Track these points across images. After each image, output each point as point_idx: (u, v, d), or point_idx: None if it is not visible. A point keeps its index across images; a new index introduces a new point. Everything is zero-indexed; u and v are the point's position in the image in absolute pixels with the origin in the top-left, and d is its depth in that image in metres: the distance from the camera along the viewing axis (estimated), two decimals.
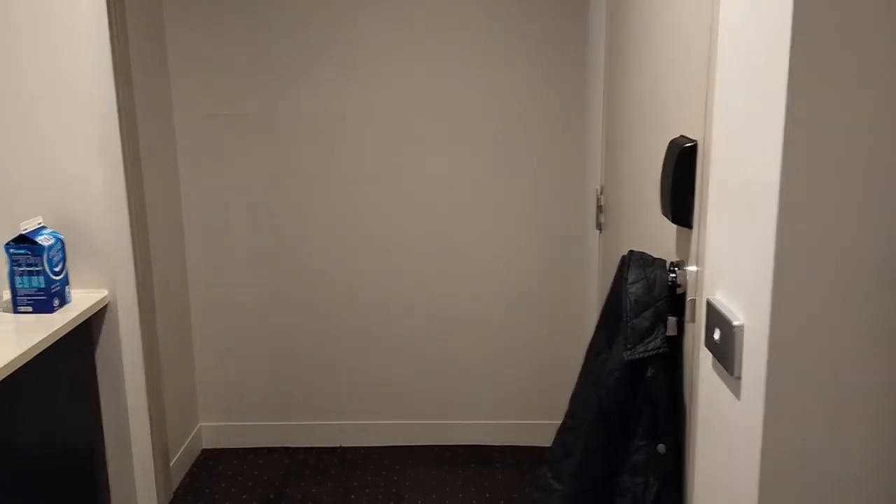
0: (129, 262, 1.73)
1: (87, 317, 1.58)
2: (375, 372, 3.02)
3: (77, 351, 1.60)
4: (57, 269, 1.54)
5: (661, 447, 1.22)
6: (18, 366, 1.33)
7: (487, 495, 2.75)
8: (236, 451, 3.05)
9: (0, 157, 1.59)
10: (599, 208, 2.26)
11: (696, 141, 1.18)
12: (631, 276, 1.26)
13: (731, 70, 1.01)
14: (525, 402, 3.03)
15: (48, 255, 1.52)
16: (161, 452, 2.61)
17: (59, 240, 1.56)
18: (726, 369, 0.99)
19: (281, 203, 2.87)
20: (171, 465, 2.72)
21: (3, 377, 1.28)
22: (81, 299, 1.60)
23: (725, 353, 0.98)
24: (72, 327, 1.51)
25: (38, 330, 1.43)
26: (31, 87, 1.58)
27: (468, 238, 2.89)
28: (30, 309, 1.52)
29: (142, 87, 2.47)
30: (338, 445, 3.07)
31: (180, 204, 2.86)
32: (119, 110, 1.82)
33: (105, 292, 1.64)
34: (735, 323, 0.95)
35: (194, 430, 2.99)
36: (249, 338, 2.98)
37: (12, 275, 1.51)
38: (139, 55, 2.45)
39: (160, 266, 2.68)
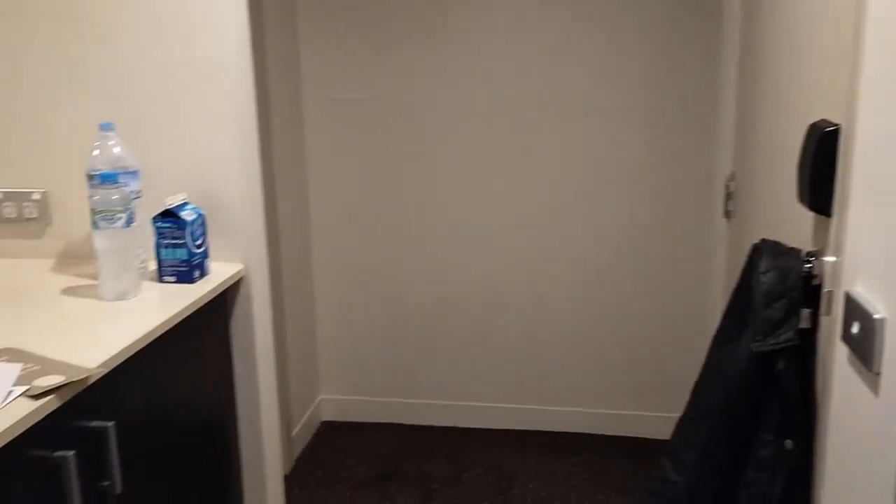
0: (262, 238, 1.82)
1: (223, 288, 1.67)
2: (493, 356, 3.04)
3: (214, 321, 1.70)
4: (198, 243, 1.64)
5: (788, 442, 1.18)
6: (163, 331, 1.43)
7: (598, 485, 2.72)
8: (354, 424, 3.15)
9: (148, 139, 1.70)
10: (728, 195, 2.18)
11: (838, 125, 1.12)
12: (763, 266, 1.22)
13: (882, 52, 0.95)
14: (642, 393, 2.97)
15: (191, 229, 1.61)
16: (284, 422, 2.73)
17: (200, 215, 1.66)
18: (864, 365, 0.94)
19: (404, 185, 2.93)
20: (292, 434, 2.84)
21: (149, 341, 1.38)
22: (219, 272, 1.69)
23: (864, 347, 0.94)
24: (210, 298, 1.61)
25: (180, 299, 1.53)
26: (178, 75, 1.68)
27: (589, 225, 2.86)
28: (173, 279, 1.62)
29: (275, 70, 2.58)
30: (453, 425, 3.12)
31: (307, 183, 2.96)
32: (256, 96, 1.91)
33: (240, 266, 1.73)
34: (876, 316, 0.91)
35: (315, 403, 3.11)
36: (371, 315, 3.06)
37: (158, 247, 1.62)
38: (273, 39, 2.55)
39: (287, 242, 2.79)
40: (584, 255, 2.89)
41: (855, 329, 0.97)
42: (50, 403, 1.13)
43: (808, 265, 1.17)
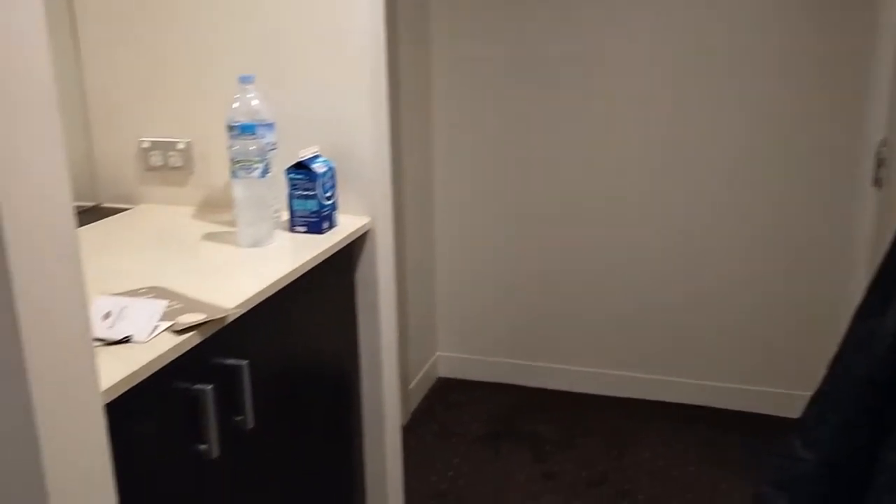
0: (388, 192, 1.85)
1: (350, 240, 1.71)
2: (614, 321, 3.00)
3: (340, 272, 1.75)
4: (328, 195, 1.68)
5: None
6: (293, 279, 1.48)
7: (717, 459, 2.65)
8: (469, 382, 3.19)
9: (284, 93, 1.75)
10: (880, 162, 2.04)
11: None
12: None
13: None
14: (769, 369, 2.86)
15: (321, 181, 1.66)
16: (402, 376, 2.80)
17: (330, 168, 1.70)
18: None
19: (533, 146, 2.90)
20: (409, 388, 2.91)
21: (280, 287, 1.44)
22: (346, 224, 1.74)
23: None
24: (337, 249, 1.65)
25: (310, 248, 1.58)
26: (315, 32, 1.71)
27: (722, 190, 2.75)
28: (304, 229, 1.68)
29: (405, 28, 2.59)
30: (568, 389, 3.10)
31: (432, 142, 2.98)
32: (388, 52, 1.93)
33: (367, 219, 1.77)
34: None
35: (432, 359, 3.16)
36: (492, 275, 3.07)
37: (291, 197, 1.67)
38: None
39: (410, 199, 2.83)
40: (718, 222, 2.78)
41: None
42: (191, 339, 1.20)
43: None
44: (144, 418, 1.15)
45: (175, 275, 1.44)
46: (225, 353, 1.32)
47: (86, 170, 1.93)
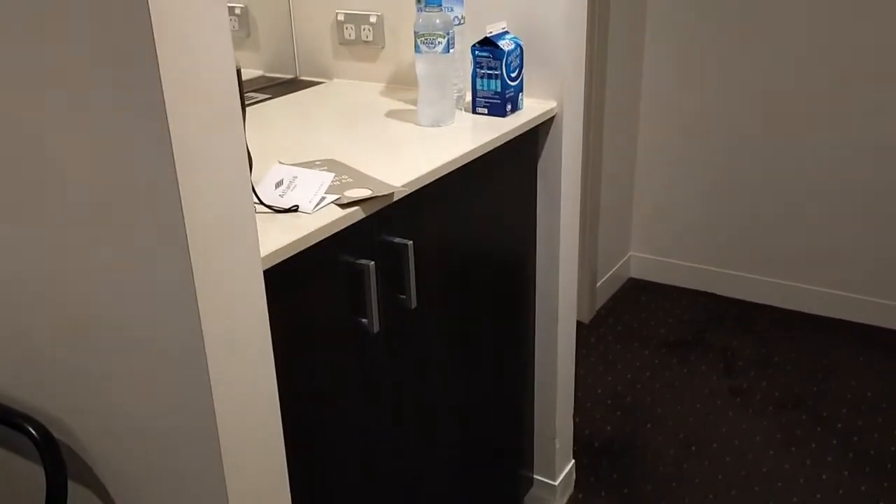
0: (580, 77, 1.72)
1: (534, 125, 1.62)
2: (823, 235, 2.70)
3: (521, 157, 1.67)
4: (513, 75, 1.59)
5: None
6: (468, 161, 1.43)
7: None
8: (662, 286, 3.04)
9: None
10: None
11: None
12: None
13: None
14: None
15: (507, 59, 1.56)
16: (589, 271, 2.72)
17: (518, 46, 1.60)
18: None
19: (753, 40, 2.60)
20: (597, 284, 2.82)
21: (453, 169, 1.40)
22: (531, 108, 1.64)
23: None
24: (519, 133, 1.57)
25: (489, 131, 1.52)
26: None
27: None
28: (485, 111, 1.61)
29: None
30: (769, 304, 2.87)
31: (644, 27, 2.75)
32: None
33: (553, 104, 1.66)
34: None
35: (624, 258, 3.04)
36: (694, 175, 2.86)
37: (474, 76, 1.60)
38: None
39: (613, 91, 2.65)
40: None
41: None
42: (356, 214, 1.19)
43: None
44: (306, 288, 1.17)
45: (353, 149, 1.44)
46: (391, 230, 1.31)
47: (287, 42, 1.96)
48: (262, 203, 1.18)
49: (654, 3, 2.71)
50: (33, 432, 1.10)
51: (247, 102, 1.76)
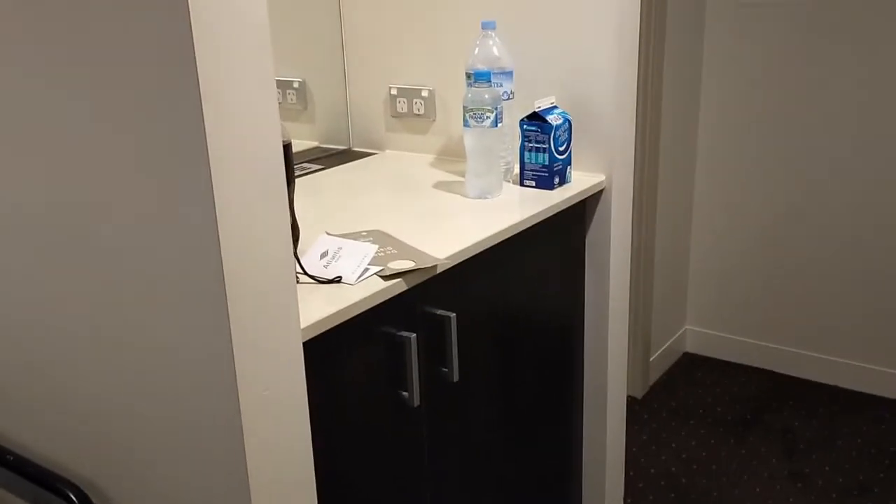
0: (629, 149, 1.72)
1: (582, 198, 1.62)
2: (888, 313, 2.60)
3: (569, 230, 1.66)
4: (561, 149, 1.60)
5: None
6: (516, 231, 1.43)
7: None
8: (718, 362, 2.96)
9: (526, 40, 1.68)
10: None
11: None
12: None
13: None
14: None
15: (555, 133, 1.57)
16: (643, 344, 2.66)
17: (567, 120, 1.61)
18: None
19: (815, 109, 2.57)
20: (651, 359, 2.76)
21: (500, 241, 1.39)
22: (579, 181, 1.64)
23: None
24: (567, 205, 1.57)
25: (535, 204, 1.51)
26: None
27: None
28: (533, 183, 1.61)
29: None
30: (832, 383, 2.76)
31: (698, 97, 2.75)
32: None
33: (602, 177, 1.66)
34: None
35: (679, 332, 2.97)
36: (753, 248, 2.80)
37: (522, 149, 1.61)
38: None
39: (668, 158, 2.64)
40: None
41: None
42: (399, 285, 1.19)
43: None
44: (347, 360, 1.17)
45: (400, 220, 1.45)
46: (434, 302, 1.30)
47: (342, 115, 2.02)
48: (306, 274, 1.19)
49: (709, 72, 2.71)
50: (73, 497, 1.10)
51: (300, 173, 1.81)
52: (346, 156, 1.97)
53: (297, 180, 1.69)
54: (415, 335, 1.24)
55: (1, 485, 1.21)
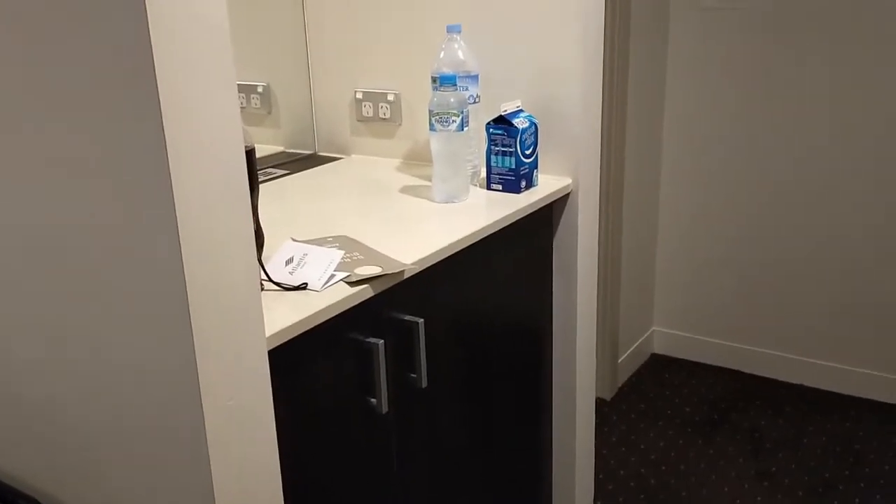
0: (595, 153, 1.72)
1: (548, 202, 1.62)
2: (860, 312, 2.64)
3: (537, 233, 1.66)
4: (528, 152, 1.60)
5: None
6: (484, 236, 1.42)
7: None
8: (686, 362, 2.98)
9: (490, 43, 1.68)
10: None
11: None
12: None
13: None
14: None
15: (522, 137, 1.57)
16: (610, 347, 2.67)
17: (533, 124, 1.61)
18: None
19: (779, 109, 2.60)
20: (619, 361, 2.77)
21: (466, 245, 1.39)
22: (546, 184, 1.64)
23: None
24: (534, 209, 1.57)
25: (502, 207, 1.51)
26: None
27: None
28: (500, 187, 1.61)
29: None
30: (798, 382, 2.80)
31: (663, 99, 2.77)
32: (606, 0, 1.79)
33: (568, 180, 1.66)
34: None
35: (647, 333, 2.99)
36: (719, 249, 2.83)
37: (489, 153, 1.61)
38: None
39: (633, 160, 2.66)
40: None
41: None
42: (365, 292, 1.18)
43: None
44: (314, 367, 1.16)
45: (366, 225, 1.44)
46: (401, 308, 1.29)
47: (307, 119, 2.00)
48: (271, 280, 1.17)
49: (673, 71, 2.73)
50: None
51: (266, 178, 1.79)
52: (312, 160, 1.95)
53: (261, 186, 1.68)
54: (382, 341, 1.23)
55: None
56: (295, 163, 1.93)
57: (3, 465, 1.16)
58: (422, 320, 1.30)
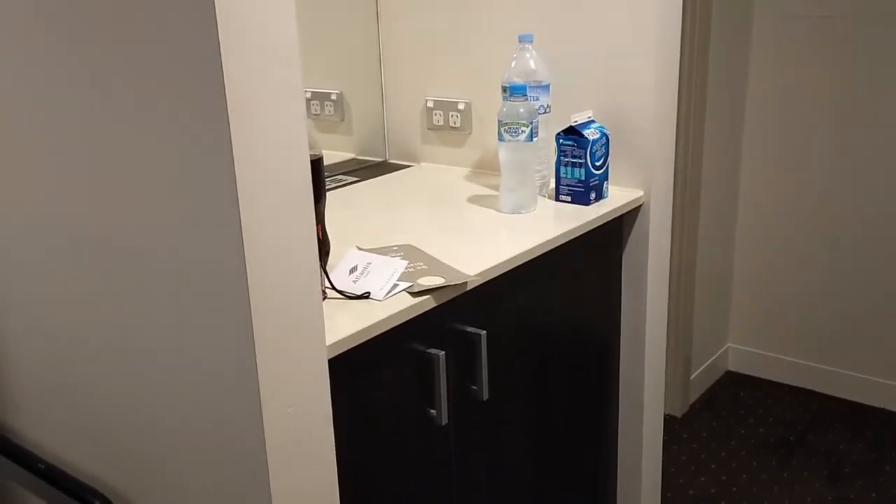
0: (669, 165, 1.68)
1: (619, 214, 1.59)
2: None
3: (605, 246, 1.63)
4: (598, 164, 1.57)
5: None
6: (548, 249, 1.40)
7: None
8: (761, 381, 2.88)
9: (563, 53, 1.66)
10: None
11: None
12: None
13: None
14: None
15: (592, 148, 1.55)
16: (683, 363, 2.60)
17: (604, 135, 1.58)
18: None
19: (865, 126, 2.49)
20: (691, 377, 2.70)
21: (532, 257, 1.37)
22: (616, 196, 1.61)
23: None
24: (603, 222, 1.54)
25: (570, 220, 1.49)
26: None
27: None
28: (569, 198, 1.58)
29: None
30: (880, 406, 2.67)
31: (743, 111, 2.69)
32: (685, 8, 1.74)
33: (640, 193, 1.63)
34: None
35: (721, 350, 2.91)
36: (797, 266, 2.72)
37: (558, 164, 1.58)
38: None
39: (710, 175, 2.59)
40: None
41: None
42: (427, 302, 1.18)
43: None
44: (374, 376, 1.16)
45: (433, 234, 1.44)
46: (464, 319, 1.29)
47: (379, 127, 2.01)
48: (334, 288, 1.18)
49: (755, 80, 2.65)
50: None
51: (336, 185, 1.81)
52: (382, 168, 1.97)
53: (331, 192, 1.70)
54: (443, 353, 1.22)
55: (32, 492, 1.23)
56: (365, 170, 1.94)
57: (80, 462, 1.21)
58: (484, 332, 1.29)
